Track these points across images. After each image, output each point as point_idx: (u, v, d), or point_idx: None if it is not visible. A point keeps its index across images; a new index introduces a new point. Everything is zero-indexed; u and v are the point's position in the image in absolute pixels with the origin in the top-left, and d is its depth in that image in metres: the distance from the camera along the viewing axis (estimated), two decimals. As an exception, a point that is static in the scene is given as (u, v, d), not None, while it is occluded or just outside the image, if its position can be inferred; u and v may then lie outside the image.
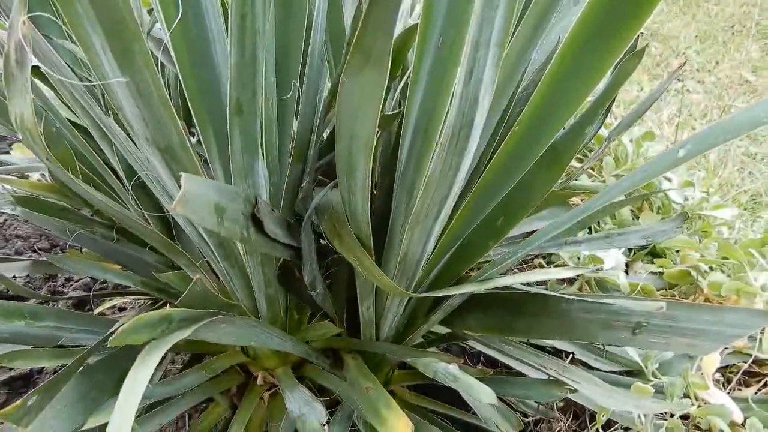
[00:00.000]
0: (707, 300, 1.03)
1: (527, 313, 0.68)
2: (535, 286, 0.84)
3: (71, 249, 1.16)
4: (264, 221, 0.54)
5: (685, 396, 0.80)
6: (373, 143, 0.46)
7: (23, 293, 0.95)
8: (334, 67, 0.69)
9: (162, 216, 0.88)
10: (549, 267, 1.05)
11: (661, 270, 1.10)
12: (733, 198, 1.69)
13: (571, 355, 0.97)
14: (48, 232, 1.53)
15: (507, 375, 0.84)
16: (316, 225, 0.75)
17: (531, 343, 0.84)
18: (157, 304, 0.90)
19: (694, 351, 0.55)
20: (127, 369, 0.70)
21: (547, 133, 0.61)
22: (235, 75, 0.46)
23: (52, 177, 0.77)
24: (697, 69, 2.91)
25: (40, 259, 1.07)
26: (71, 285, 1.34)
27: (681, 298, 1.06)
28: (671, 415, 0.79)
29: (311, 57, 0.59)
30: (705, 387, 0.80)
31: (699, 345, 0.54)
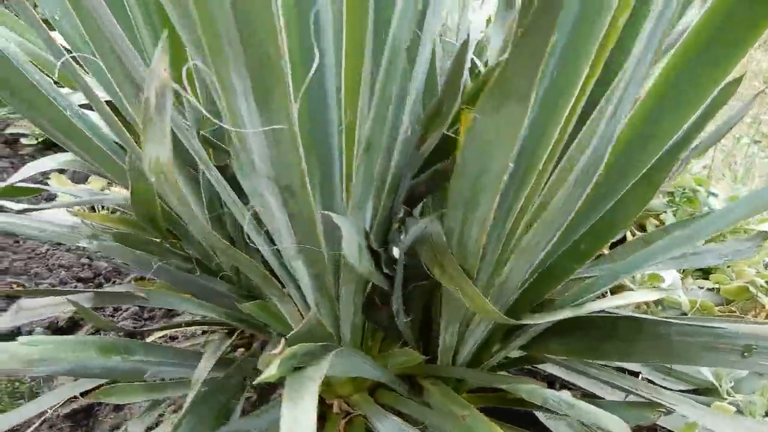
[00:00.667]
0: (768, 316, 1.03)
1: (618, 337, 0.69)
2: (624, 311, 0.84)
3: (138, 279, 1.16)
4: (378, 253, 0.55)
5: (767, 414, 0.80)
6: (504, 178, 0.47)
7: (108, 328, 0.95)
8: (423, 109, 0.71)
9: (232, 243, 0.89)
10: (622, 289, 1.06)
11: (717, 286, 1.11)
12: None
13: (639, 374, 0.97)
14: (103, 257, 1.55)
15: (585, 398, 0.85)
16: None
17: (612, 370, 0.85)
18: (233, 334, 0.90)
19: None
20: (223, 403, 0.71)
21: (643, 162, 0.62)
22: (374, 117, 0.48)
23: (135, 212, 0.78)
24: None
25: (102, 291, 1.08)
26: (120, 314, 1.35)
27: (740, 314, 1.07)
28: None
29: (413, 98, 0.61)
30: (785, 405, 0.80)
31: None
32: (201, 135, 0.75)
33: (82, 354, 0.68)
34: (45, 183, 1.76)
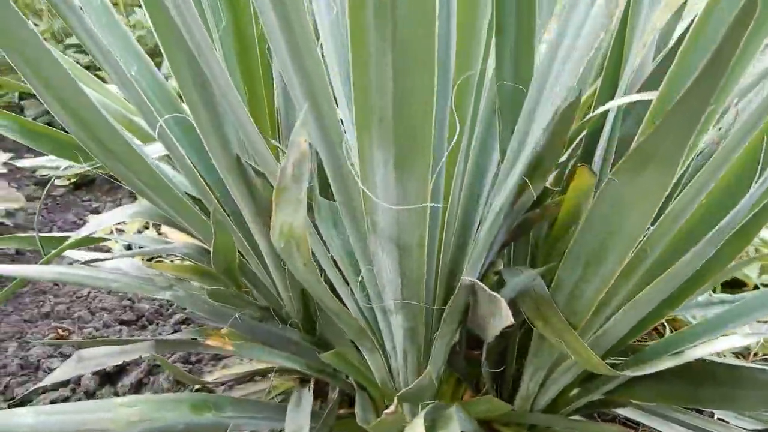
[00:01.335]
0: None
1: (718, 384, 0.68)
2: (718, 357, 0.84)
3: (183, 321, 1.16)
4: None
5: None
6: (638, 240, 0.47)
7: (186, 380, 0.95)
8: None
9: (304, 294, 0.89)
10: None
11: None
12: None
13: (711, 413, 0.97)
14: (144, 299, 1.54)
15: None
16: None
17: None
18: (304, 383, 0.89)
19: None
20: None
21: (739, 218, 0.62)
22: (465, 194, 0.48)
23: (214, 263, 0.78)
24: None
25: (165, 339, 1.08)
26: (169, 358, 1.33)
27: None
28: None
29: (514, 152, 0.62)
30: None
31: None
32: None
33: (177, 413, 0.67)
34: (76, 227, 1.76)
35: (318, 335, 0.89)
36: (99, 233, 1.47)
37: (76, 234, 0.92)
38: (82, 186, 2.15)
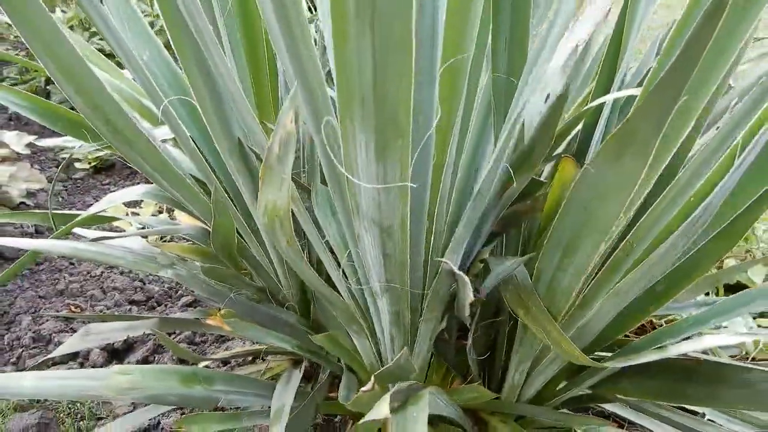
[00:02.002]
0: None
1: (701, 381, 0.68)
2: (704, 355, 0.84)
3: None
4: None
5: None
6: (612, 227, 0.48)
7: (187, 357, 0.98)
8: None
9: (301, 283, 0.91)
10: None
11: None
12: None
13: (702, 414, 0.96)
14: (155, 280, 1.59)
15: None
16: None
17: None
18: (298, 364, 0.91)
19: None
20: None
21: (725, 216, 0.63)
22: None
23: (213, 244, 0.81)
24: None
25: (168, 317, 1.11)
26: (174, 338, 1.37)
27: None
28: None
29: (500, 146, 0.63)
30: None
31: None
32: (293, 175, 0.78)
33: (167, 383, 0.70)
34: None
35: (312, 319, 0.91)
36: (111, 213, 1.52)
37: (86, 212, 0.96)
38: (102, 170, 2.21)
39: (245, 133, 0.79)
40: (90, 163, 2.13)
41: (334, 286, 0.72)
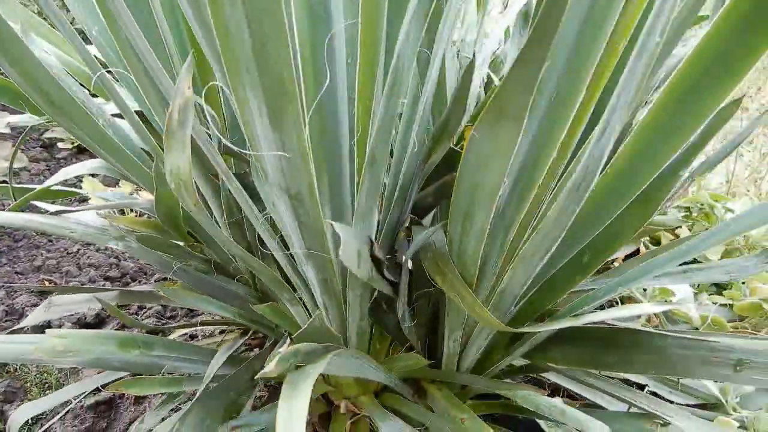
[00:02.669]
0: (779, 333, 1.03)
1: (618, 348, 0.70)
2: (623, 322, 0.86)
3: (162, 280, 1.22)
4: (382, 261, 0.58)
5: (771, 431, 0.80)
6: (499, 191, 0.50)
7: (131, 324, 1.01)
8: (432, 125, 0.74)
9: (249, 250, 0.93)
10: (631, 302, 1.07)
11: (731, 302, 1.11)
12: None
13: (645, 388, 0.98)
14: (130, 258, 1.61)
15: (587, 407, 0.86)
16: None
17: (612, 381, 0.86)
18: (248, 334, 0.94)
19: (801, 389, 0.56)
20: (233, 399, 0.75)
21: (640, 181, 0.64)
22: (378, 131, 0.51)
23: (158, 215, 0.83)
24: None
25: (128, 290, 1.14)
26: (144, 313, 1.40)
27: (753, 331, 1.06)
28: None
29: (420, 112, 0.64)
30: (791, 422, 0.80)
31: (807, 382, 0.55)
32: (223, 145, 0.80)
33: (103, 347, 0.72)
34: (79, 186, 1.84)
35: (261, 290, 0.93)
36: (87, 188, 1.54)
37: (42, 185, 0.98)
38: (85, 150, 2.23)
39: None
40: (73, 143, 2.15)
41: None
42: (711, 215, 1.27)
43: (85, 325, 1.36)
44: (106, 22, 0.94)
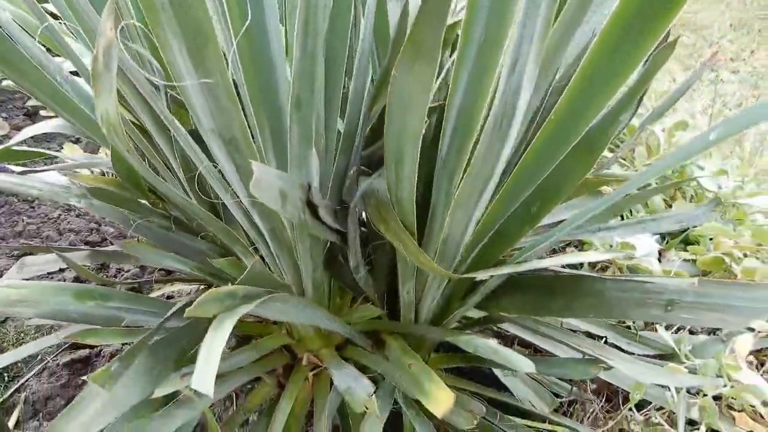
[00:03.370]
0: (741, 286, 1.04)
1: (563, 294, 0.71)
2: (569, 269, 0.87)
3: (130, 241, 1.23)
4: (318, 206, 0.59)
5: (718, 377, 0.82)
6: (422, 132, 0.50)
7: (93, 279, 1.02)
8: (378, 66, 0.74)
9: (213, 207, 0.94)
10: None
11: (695, 257, 1.12)
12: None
13: (605, 339, 1.00)
14: (110, 222, 1.63)
15: (539, 354, 0.88)
16: (358, 212, 0.80)
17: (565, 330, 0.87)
18: (209, 289, 0.95)
19: (723, 325, 0.58)
20: (186, 347, 0.77)
21: (582, 122, 0.64)
22: (297, 73, 0.51)
23: (116, 171, 0.83)
24: (732, 58, 2.86)
25: (98, 249, 1.15)
26: (122, 275, 1.42)
27: (714, 284, 1.07)
28: (704, 395, 0.81)
29: (359, 57, 0.64)
30: (738, 368, 0.81)
31: (729, 319, 0.56)
32: (172, 97, 0.80)
33: (59, 298, 0.74)
34: (59, 151, 1.85)
35: (221, 246, 0.94)
36: (67, 152, 1.54)
37: (3, 146, 0.99)
38: (68, 119, 2.22)
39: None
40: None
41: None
42: (683, 172, 1.27)
43: (65, 288, 1.38)
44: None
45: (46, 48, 0.89)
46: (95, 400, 0.65)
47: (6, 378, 1.12)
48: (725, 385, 0.81)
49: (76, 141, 2.12)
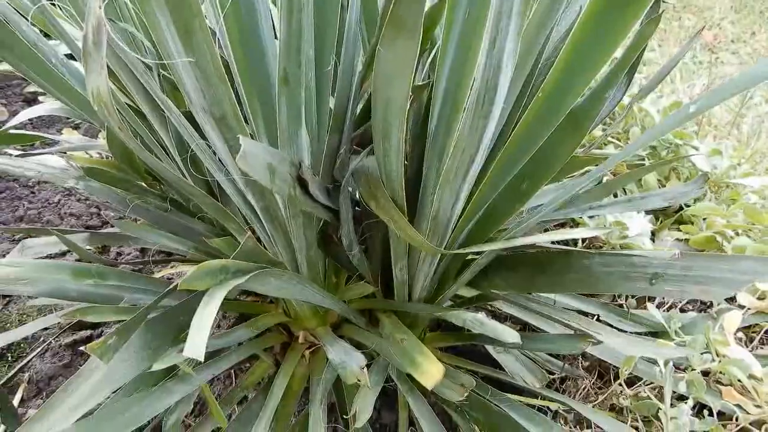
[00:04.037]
0: (732, 265, 1.05)
1: (552, 271, 0.72)
2: (558, 245, 0.88)
3: (127, 220, 1.24)
4: (308, 182, 0.60)
5: (707, 353, 0.84)
6: (407, 107, 0.51)
7: (92, 260, 1.04)
8: (368, 43, 0.74)
9: (209, 187, 0.95)
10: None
11: (687, 236, 1.12)
12: (767, 169, 1.67)
13: (596, 317, 1.01)
14: (107, 204, 1.64)
15: (531, 331, 0.89)
16: (352, 192, 0.81)
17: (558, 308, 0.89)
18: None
19: (707, 296, 0.59)
20: (183, 323, 0.78)
21: (569, 99, 0.64)
22: (284, 48, 0.52)
23: (112, 152, 0.84)
24: (732, 40, 2.84)
25: (97, 232, 1.16)
26: (122, 258, 1.44)
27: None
28: (692, 370, 0.82)
29: (347, 33, 0.65)
30: (726, 343, 0.83)
31: (713, 291, 0.58)
32: (166, 78, 0.80)
33: (57, 276, 0.75)
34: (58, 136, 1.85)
35: (218, 226, 0.96)
36: (65, 135, 1.55)
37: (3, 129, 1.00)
38: (67, 105, 2.23)
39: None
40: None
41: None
42: (677, 152, 1.28)
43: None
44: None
45: (42, 32, 0.90)
46: (94, 373, 0.67)
47: (10, 358, 1.14)
48: (713, 360, 0.83)
49: (75, 127, 2.13)
